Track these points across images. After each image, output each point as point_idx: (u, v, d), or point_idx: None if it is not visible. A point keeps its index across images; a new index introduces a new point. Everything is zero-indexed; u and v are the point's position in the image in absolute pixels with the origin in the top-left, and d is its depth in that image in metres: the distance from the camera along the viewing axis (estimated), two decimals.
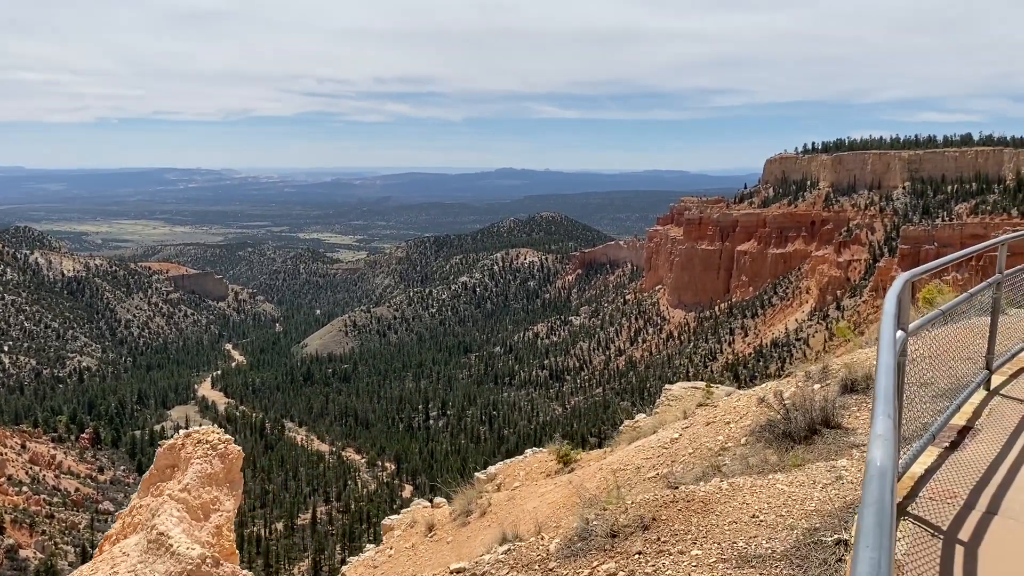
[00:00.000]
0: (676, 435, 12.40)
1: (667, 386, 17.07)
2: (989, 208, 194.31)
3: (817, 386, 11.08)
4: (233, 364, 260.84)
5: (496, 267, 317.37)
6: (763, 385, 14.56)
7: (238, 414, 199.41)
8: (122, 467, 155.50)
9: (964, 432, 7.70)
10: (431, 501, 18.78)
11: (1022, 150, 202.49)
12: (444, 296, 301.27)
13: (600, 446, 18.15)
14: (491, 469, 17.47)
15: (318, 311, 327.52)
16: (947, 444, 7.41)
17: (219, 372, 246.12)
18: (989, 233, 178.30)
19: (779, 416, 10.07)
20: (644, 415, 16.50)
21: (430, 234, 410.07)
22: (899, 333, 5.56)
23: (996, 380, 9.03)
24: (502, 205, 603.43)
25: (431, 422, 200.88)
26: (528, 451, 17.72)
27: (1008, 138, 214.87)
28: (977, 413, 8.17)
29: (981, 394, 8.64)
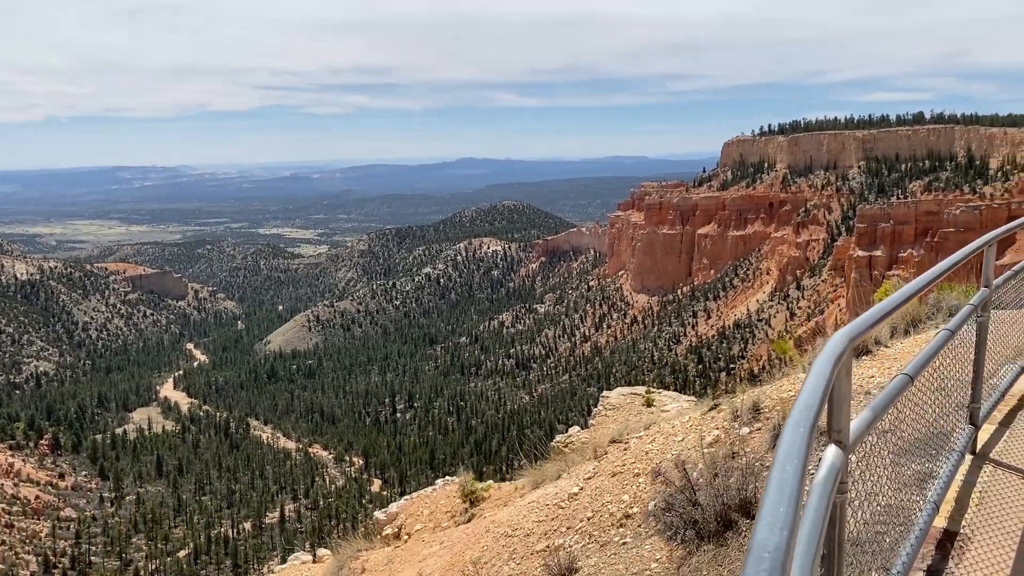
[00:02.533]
0: (576, 488, 10.16)
1: (605, 393, 14.93)
2: (942, 185, 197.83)
3: (745, 430, 9.16)
4: (195, 363, 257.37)
5: (459, 257, 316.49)
6: (694, 409, 12.07)
7: (202, 414, 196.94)
8: (84, 472, 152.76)
9: (948, 542, 5.13)
10: (314, 556, 17.22)
11: (972, 128, 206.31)
12: (408, 288, 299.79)
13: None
14: (393, 507, 15.25)
15: (280, 307, 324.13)
16: (923, 572, 4.84)
17: (181, 372, 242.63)
18: (943, 209, 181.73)
19: (680, 497, 7.76)
20: (579, 428, 14.57)
21: (392, 226, 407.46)
22: (831, 453, 3.02)
23: (984, 435, 6.66)
24: (464, 195, 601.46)
25: (398, 415, 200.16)
26: (439, 481, 15.49)
27: (959, 116, 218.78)
28: (963, 502, 5.65)
29: (966, 462, 6.20)
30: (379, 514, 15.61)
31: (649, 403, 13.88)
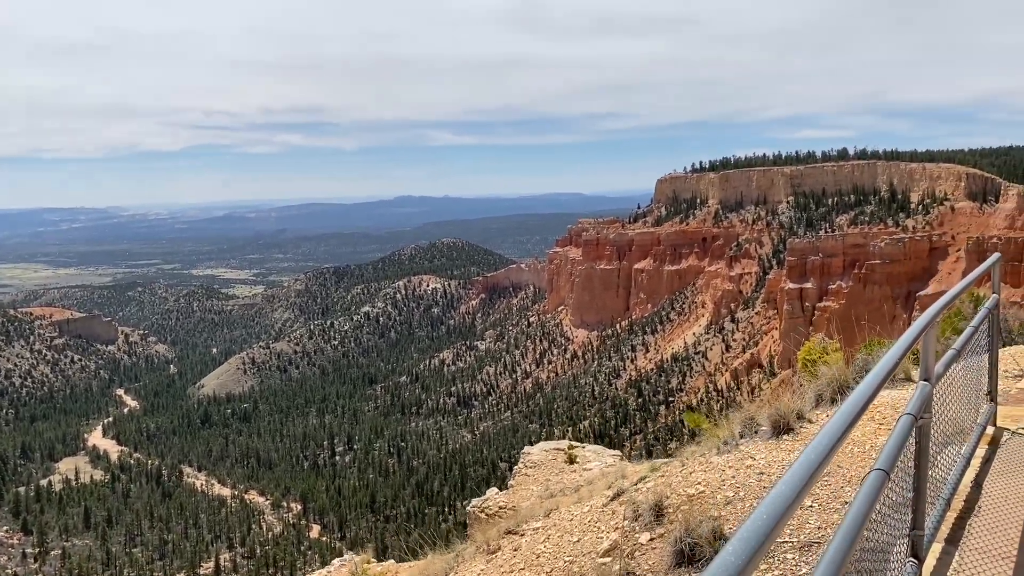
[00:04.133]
0: None
1: (526, 449, 13.82)
2: (867, 218, 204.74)
3: (645, 536, 8.05)
4: (126, 410, 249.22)
5: (399, 295, 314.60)
6: (600, 486, 10.91)
7: (132, 462, 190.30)
8: (4, 527, 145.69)
9: None
10: None
11: (893, 163, 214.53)
12: (346, 327, 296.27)
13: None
14: None
15: (214, 350, 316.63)
16: None
17: (111, 419, 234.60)
18: (869, 242, 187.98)
19: None
20: (496, 491, 13.65)
21: (330, 265, 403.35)
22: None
23: (930, 559, 5.49)
24: (403, 232, 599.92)
25: (337, 458, 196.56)
26: (336, 562, 14.43)
27: (880, 152, 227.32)
28: None
29: None
30: None
31: (571, 459, 13.09)
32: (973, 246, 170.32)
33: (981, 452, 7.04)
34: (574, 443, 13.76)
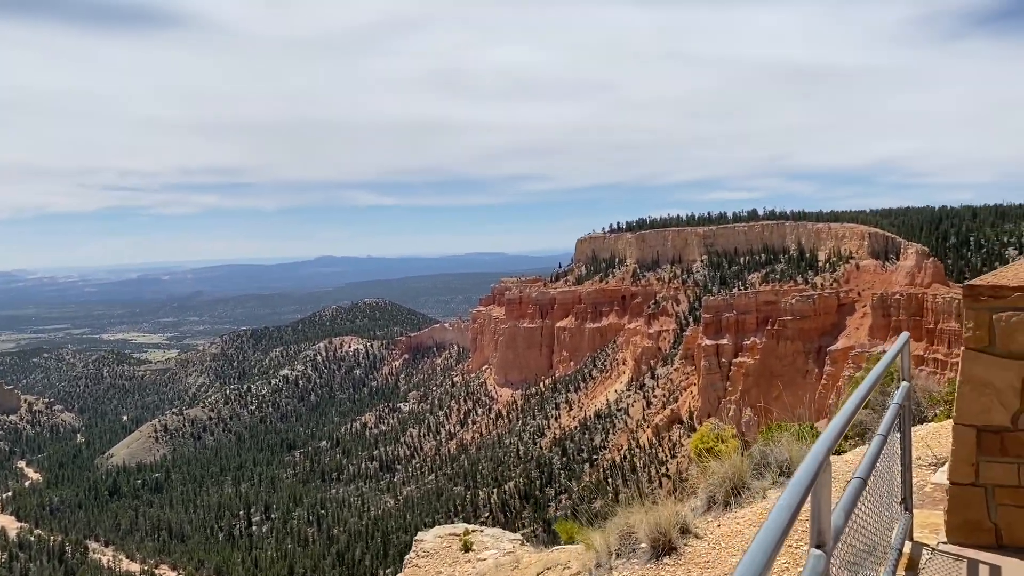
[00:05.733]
0: None
1: (419, 535, 12.96)
2: (778, 276, 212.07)
3: None
4: (27, 483, 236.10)
5: (319, 357, 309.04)
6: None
7: (33, 539, 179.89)
8: None
9: None
10: None
11: (801, 223, 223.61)
12: (264, 391, 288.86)
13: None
14: None
15: (125, 417, 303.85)
16: None
17: (10, 493, 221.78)
18: (780, 299, 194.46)
19: None
20: None
21: (247, 327, 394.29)
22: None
23: None
24: (324, 293, 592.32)
25: (254, 528, 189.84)
26: None
27: (788, 212, 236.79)
28: None
29: None
30: None
31: (467, 547, 12.38)
32: (878, 302, 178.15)
33: None
34: (472, 527, 12.94)
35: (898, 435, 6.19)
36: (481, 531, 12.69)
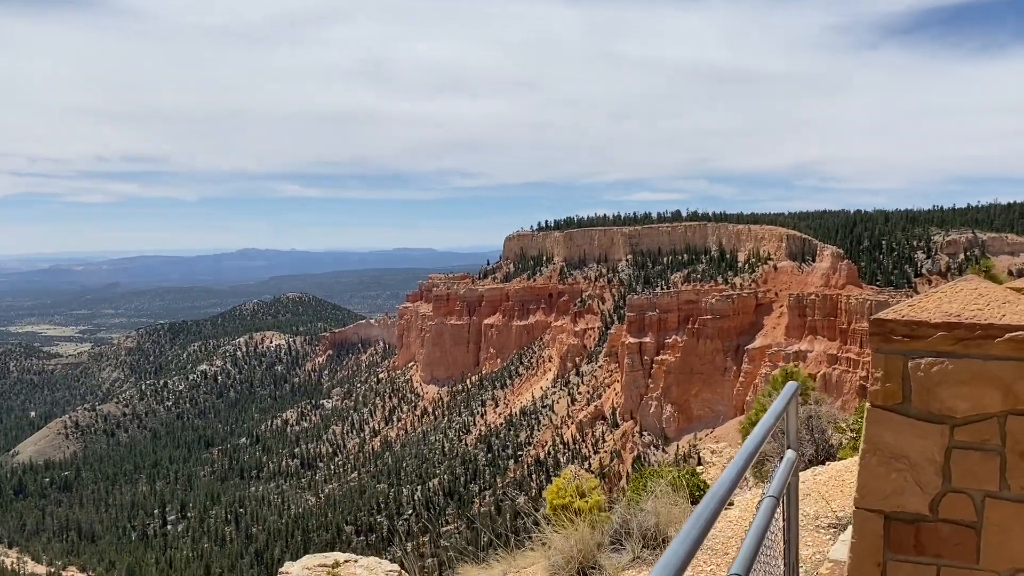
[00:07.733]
0: None
1: (286, 566, 11.22)
2: (699, 276, 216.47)
3: None
4: None
5: (239, 352, 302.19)
6: None
7: None
8: None
9: None
10: None
11: (722, 224, 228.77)
12: (181, 387, 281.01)
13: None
14: None
15: (33, 413, 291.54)
16: None
17: None
18: (701, 298, 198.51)
19: None
20: None
21: (165, 321, 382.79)
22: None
23: None
24: (245, 287, 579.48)
25: (169, 527, 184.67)
26: None
27: (710, 214, 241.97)
28: None
29: None
30: None
31: None
32: (794, 302, 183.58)
33: None
34: (344, 557, 11.59)
35: (784, 519, 4.57)
36: (355, 561, 11.39)
